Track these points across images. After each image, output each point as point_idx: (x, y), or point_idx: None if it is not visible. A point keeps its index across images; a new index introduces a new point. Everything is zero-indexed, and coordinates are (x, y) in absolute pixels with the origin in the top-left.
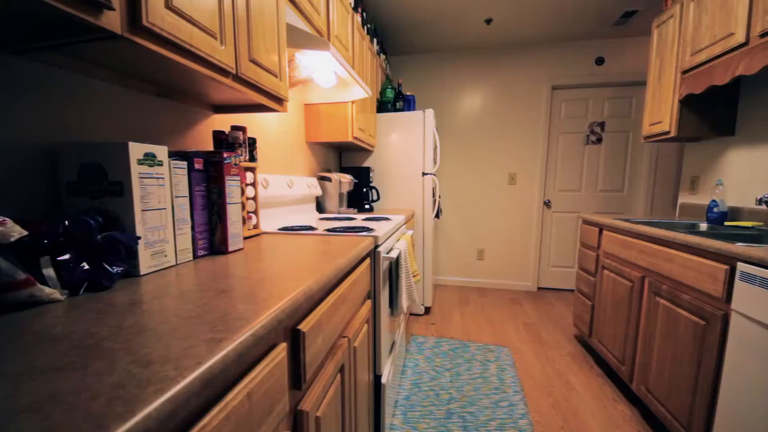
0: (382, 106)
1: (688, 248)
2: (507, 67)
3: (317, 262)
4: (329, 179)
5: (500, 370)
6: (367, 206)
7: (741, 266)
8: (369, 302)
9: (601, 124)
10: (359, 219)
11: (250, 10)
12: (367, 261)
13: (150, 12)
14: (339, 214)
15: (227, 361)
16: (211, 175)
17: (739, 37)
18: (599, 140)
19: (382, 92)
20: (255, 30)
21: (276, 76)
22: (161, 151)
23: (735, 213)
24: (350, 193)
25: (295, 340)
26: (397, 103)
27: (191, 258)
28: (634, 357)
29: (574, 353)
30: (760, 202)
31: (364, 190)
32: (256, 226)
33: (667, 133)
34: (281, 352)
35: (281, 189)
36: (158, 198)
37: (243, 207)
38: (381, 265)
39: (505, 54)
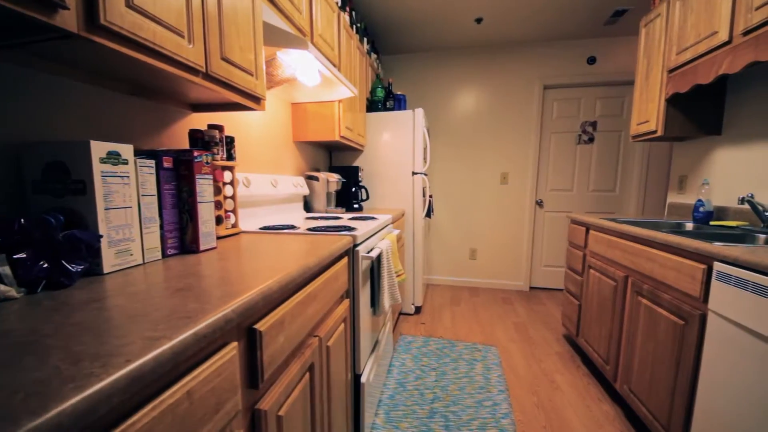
0: (373, 105)
1: (668, 247)
2: (499, 66)
3: (287, 261)
4: (316, 178)
5: (486, 369)
6: (356, 205)
7: (717, 266)
8: (347, 301)
9: (593, 124)
10: (345, 218)
11: (222, 8)
12: (345, 260)
13: (108, 11)
14: (326, 213)
15: (161, 359)
16: (182, 174)
17: (723, 36)
18: (591, 140)
19: (372, 91)
20: (228, 28)
21: (252, 75)
22: (126, 150)
23: (721, 212)
24: (339, 193)
25: (252, 339)
26: (387, 103)
27: (160, 257)
28: (618, 356)
29: (561, 353)
30: (742, 201)
31: (353, 189)
32: (234, 225)
33: (654, 132)
34: (231, 351)
35: (264, 188)
36: (123, 196)
37: (220, 206)
38: (360, 264)
39: (497, 53)
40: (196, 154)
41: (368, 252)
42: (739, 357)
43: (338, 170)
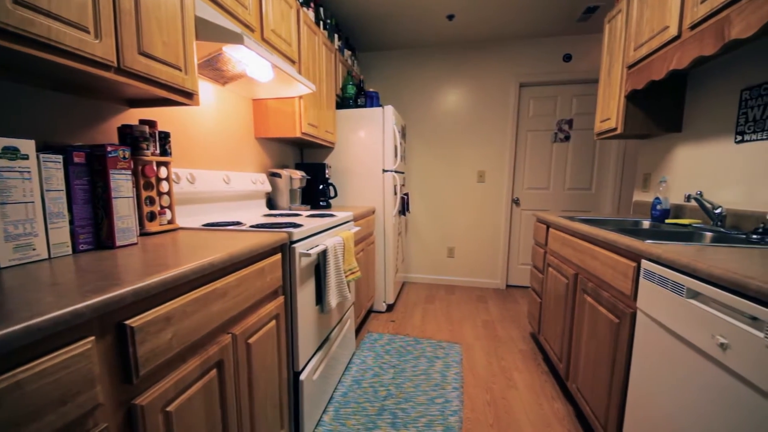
0: (344, 102)
1: (607, 245)
2: (475, 64)
3: (196, 257)
4: (279, 175)
5: (445, 367)
6: (323, 203)
7: (645, 264)
8: (281, 298)
9: (569, 122)
10: (304, 215)
11: (140, 3)
12: (278, 256)
13: None
14: (289, 210)
15: None
16: (96, 169)
17: (673, 30)
18: (567, 138)
19: (344, 88)
20: (147, 23)
21: (180, 70)
22: (26, 145)
23: (679, 210)
24: (306, 190)
25: (122, 335)
26: (359, 100)
27: (70, 252)
28: (570, 354)
29: (525, 350)
30: (688, 198)
31: (321, 186)
32: (171, 222)
33: (615, 129)
34: (85, 345)
35: (214, 185)
36: (23, 191)
37: (153, 202)
38: (297, 260)
39: (473, 51)
40: (109, 149)
41: (310, 249)
42: (662, 357)
43: (305, 167)
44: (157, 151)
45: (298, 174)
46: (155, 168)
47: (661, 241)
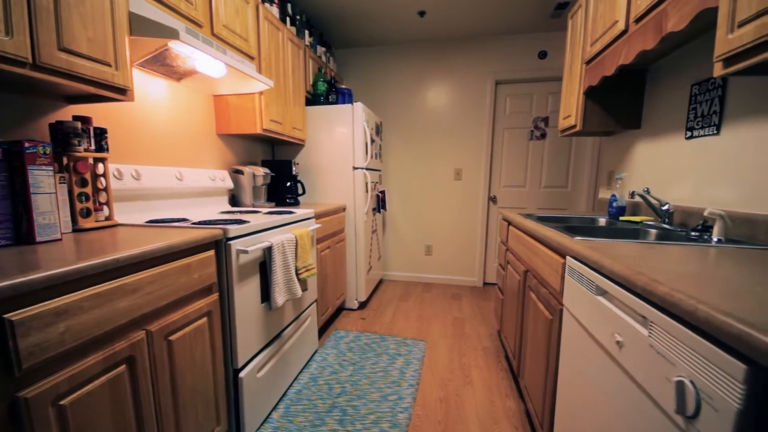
0: (315, 99)
1: (544, 242)
2: (451, 61)
3: (114, 253)
4: (242, 172)
5: (406, 364)
6: (290, 200)
7: (569, 261)
8: (215, 295)
9: (545, 119)
10: (262, 212)
11: None
12: (211, 252)
13: None
14: (253, 207)
15: None
16: (14, 165)
17: (621, 25)
18: (543, 136)
19: (315, 85)
20: (68, 19)
21: (109, 65)
22: None
23: (635, 207)
24: (273, 187)
25: (2, 328)
26: (330, 96)
27: None
28: (521, 352)
29: (489, 348)
30: (632, 195)
31: (288, 184)
32: (108, 218)
33: (574, 126)
34: None
35: (164, 181)
36: None
37: (87, 198)
38: (233, 257)
39: (449, 48)
40: (27, 145)
41: (251, 246)
42: (580, 354)
43: (270, 164)
44: (92, 147)
45: (261, 171)
46: (90, 164)
47: (592, 238)
